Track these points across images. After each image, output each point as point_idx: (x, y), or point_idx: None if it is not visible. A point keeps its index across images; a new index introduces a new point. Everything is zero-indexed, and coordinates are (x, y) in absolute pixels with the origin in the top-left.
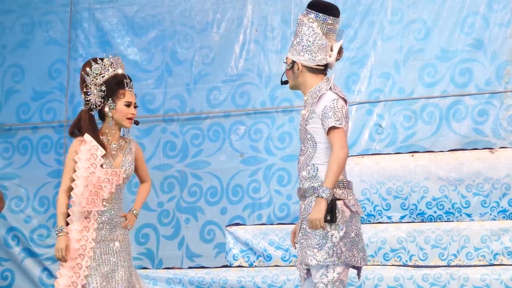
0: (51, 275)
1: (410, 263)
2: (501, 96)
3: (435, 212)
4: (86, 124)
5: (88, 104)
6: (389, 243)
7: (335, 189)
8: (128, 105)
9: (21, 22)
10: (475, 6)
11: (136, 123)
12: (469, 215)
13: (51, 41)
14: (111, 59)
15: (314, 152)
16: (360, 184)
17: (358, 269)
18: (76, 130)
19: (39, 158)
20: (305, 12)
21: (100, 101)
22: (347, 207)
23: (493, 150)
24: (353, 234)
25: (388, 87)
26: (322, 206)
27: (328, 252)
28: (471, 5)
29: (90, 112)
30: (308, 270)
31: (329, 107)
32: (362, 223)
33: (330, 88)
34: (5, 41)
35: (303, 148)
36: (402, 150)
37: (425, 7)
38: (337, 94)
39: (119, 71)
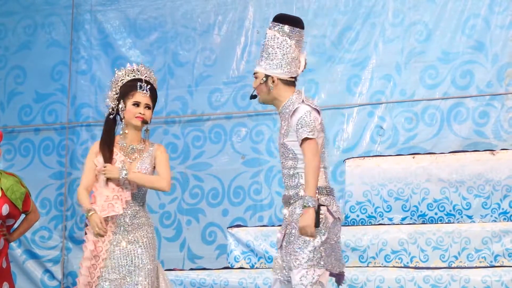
0: (53, 277)
1: (411, 265)
2: (502, 98)
3: (436, 213)
4: (103, 131)
5: (109, 109)
6: (390, 245)
7: (319, 196)
8: (136, 104)
9: (23, 24)
10: (476, 8)
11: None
12: (470, 217)
13: (53, 43)
14: (135, 67)
15: (296, 163)
16: (361, 186)
17: (337, 276)
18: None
19: (41, 160)
20: (274, 26)
21: (115, 104)
22: (330, 213)
23: (494, 152)
24: (334, 240)
25: (389, 89)
26: (311, 215)
27: (309, 256)
28: (472, 7)
29: (110, 117)
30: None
31: (302, 119)
32: (364, 225)
33: (303, 101)
34: (7, 43)
35: (283, 161)
36: (403, 152)
37: (427, 9)
38: (310, 106)
39: (141, 77)
